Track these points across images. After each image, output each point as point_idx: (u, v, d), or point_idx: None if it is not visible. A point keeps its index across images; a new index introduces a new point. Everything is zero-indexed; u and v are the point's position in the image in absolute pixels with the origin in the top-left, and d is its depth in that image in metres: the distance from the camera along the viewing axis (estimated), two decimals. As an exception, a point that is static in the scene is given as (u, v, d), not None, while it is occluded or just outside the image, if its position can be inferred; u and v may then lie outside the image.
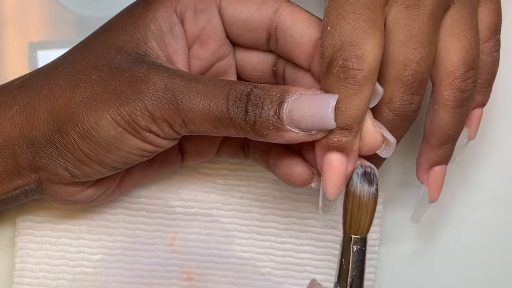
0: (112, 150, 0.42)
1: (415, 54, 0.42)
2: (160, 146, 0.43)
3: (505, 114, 0.54)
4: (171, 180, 0.51)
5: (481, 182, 0.55)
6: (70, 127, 0.42)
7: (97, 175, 0.44)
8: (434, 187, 0.47)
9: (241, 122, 0.40)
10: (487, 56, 0.46)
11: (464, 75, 0.44)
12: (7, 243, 0.51)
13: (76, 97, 0.42)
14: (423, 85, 0.43)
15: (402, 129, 0.44)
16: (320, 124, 0.40)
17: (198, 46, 0.45)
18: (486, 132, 0.53)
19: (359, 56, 0.40)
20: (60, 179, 0.44)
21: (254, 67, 0.47)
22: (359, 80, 0.40)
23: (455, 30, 0.43)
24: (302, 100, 0.40)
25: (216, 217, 0.51)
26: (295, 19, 0.44)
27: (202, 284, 0.51)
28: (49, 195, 0.45)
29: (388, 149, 0.43)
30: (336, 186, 0.41)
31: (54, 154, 0.43)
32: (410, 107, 0.43)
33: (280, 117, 0.40)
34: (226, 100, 0.41)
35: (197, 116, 0.41)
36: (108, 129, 0.41)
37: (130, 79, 0.41)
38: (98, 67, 0.43)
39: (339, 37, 0.40)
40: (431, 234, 0.54)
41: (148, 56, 0.43)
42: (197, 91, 0.41)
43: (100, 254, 0.50)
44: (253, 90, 0.41)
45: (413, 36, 0.42)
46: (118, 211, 0.51)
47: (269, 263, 0.52)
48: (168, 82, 0.41)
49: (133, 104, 0.41)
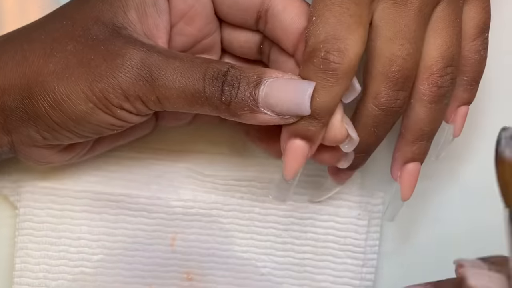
0: (82, 122, 0.42)
1: (402, 50, 0.42)
2: (131, 122, 0.43)
3: (492, 111, 0.54)
4: (171, 180, 0.51)
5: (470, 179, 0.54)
6: (40, 95, 0.41)
7: (69, 140, 0.44)
8: (407, 184, 0.47)
9: (217, 101, 0.40)
10: (474, 54, 0.46)
11: (441, 71, 0.44)
12: (7, 243, 0.51)
13: (49, 66, 0.42)
14: (409, 81, 0.43)
15: (387, 124, 0.44)
16: (295, 110, 0.40)
17: (184, 22, 0.45)
18: (472, 130, 0.53)
19: (341, 50, 0.40)
20: (32, 142, 0.43)
21: (242, 44, 0.47)
22: (337, 74, 0.40)
23: (438, 26, 0.44)
24: (279, 84, 0.40)
25: (216, 217, 0.51)
26: (286, 5, 0.44)
27: (202, 284, 0.51)
28: (22, 156, 0.45)
29: (350, 144, 0.43)
30: (294, 169, 0.43)
31: (25, 117, 0.42)
32: (395, 102, 0.43)
33: (256, 99, 0.40)
34: (203, 78, 0.40)
35: (172, 94, 0.41)
36: (79, 103, 0.41)
37: (105, 53, 0.41)
38: (74, 38, 0.42)
39: (323, 28, 0.41)
40: (431, 233, 0.54)
41: (125, 28, 0.42)
42: (174, 68, 0.41)
43: (100, 255, 0.50)
44: (229, 70, 0.41)
45: (400, 32, 0.42)
46: (118, 211, 0.51)
47: (269, 263, 0.52)
48: (144, 57, 0.41)
49: (106, 80, 0.41)
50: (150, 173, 0.51)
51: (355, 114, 0.45)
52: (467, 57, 0.46)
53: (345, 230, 0.52)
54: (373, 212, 0.52)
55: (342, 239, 0.52)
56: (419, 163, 0.47)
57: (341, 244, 0.52)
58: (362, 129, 0.44)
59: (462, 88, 0.47)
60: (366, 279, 0.52)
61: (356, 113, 0.45)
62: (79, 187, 0.50)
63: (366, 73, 0.44)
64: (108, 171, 0.51)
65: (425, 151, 0.47)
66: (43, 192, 0.50)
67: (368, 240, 0.52)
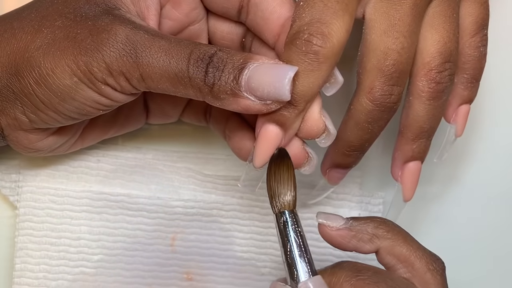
0: (66, 99, 0.42)
1: (396, 44, 0.42)
2: (116, 101, 0.42)
3: (494, 110, 0.54)
4: (171, 180, 0.51)
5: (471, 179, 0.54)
6: (26, 71, 0.41)
7: (55, 123, 0.43)
8: (408, 184, 0.47)
9: (200, 83, 0.40)
10: (474, 51, 0.46)
11: (440, 67, 0.43)
12: (7, 243, 0.51)
13: (36, 41, 0.42)
14: (404, 77, 0.43)
15: (382, 121, 0.44)
16: (275, 94, 0.39)
17: (171, 6, 0.45)
18: (474, 129, 0.53)
19: (325, 34, 0.40)
20: (20, 125, 0.43)
21: (224, 35, 0.47)
22: (319, 58, 0.40)
23: (434, 22, 0.43)
24: (262, 68, 0.40)
25: (216, 217, 0.51)
26: None
27: (202, 284, 0.51)
28: (11, 142, 0.45)
29: (327, 139, 0.43)
30: (264, 155, 0.42)
31: (11, 97, 0.42)
32: (390, 98, 0.43)
33: (239, 82, 0.40)
34: (188, 58, 0.40)
35: (155, 72, 0.40)
36: (63, 77, 0.41)
37: (92, 28, 0.41)
38: (64, 14, 0.42)
39: (309, 12, 0.40)
40: (431, 233, 0.54)
41: (118, 9, 0.42)
42: (159, 47, 0.40)
43: (100, 255, 0.50)
44: (217, 52, 0.40)
45: (394, 26, 0.42)
46: (118, 211, 0.51)
47: (269, 263, 0.52)
48: (130, 34, 0.41)
49: (90, 54, 0.41)
50: (150, 173, 0.51)
51: (348, 110, 0.44)
52: (466, 54, 0.46)
53: (345, 230, 0.52)
54: (373, 212, 0.52)
55: (342, 239, 0.52)
56: (420, 162, 0.47)
57: (341, 244, 0.52)
58: (356, 126, 0.44)
59: (462, 86, 0.46)
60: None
61: (349, 110, 0.44)
62: (79, 187, 0.50)
63: (360, 68, 0.43)
64: (108, 171, 0.51)
65: (425, 149, 0.46)
66: (42, 192, 0.50)
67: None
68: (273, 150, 0.42)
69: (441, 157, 0.49)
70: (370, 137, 0.45)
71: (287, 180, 0.42)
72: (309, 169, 0.44)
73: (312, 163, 0.43)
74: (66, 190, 0.50)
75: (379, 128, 0.44)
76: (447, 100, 0.46)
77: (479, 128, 0.54)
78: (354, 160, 0.46)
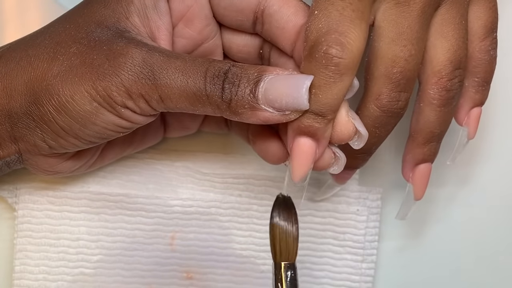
0: (87, 124, 0.42)
1: (404, 52, 0.42)
2: (136, 123, 0.43)
3: (504, 112, 0.54)
4: (170, 179, 0.51)
5: (479, 181, 0.54)
6: (45, 99, 0.42)
7: (74, 148, 0.44)
8: (419, 185, 0.47)
9: (217, 100, 0.40)
10: (484, 55, 0.46)
11: (450, 75, 0.44)
12: (6, 245, 0.51)
13: (53, 69, 0.42)
14: (411, 83, 0.43)
15: (389, 125, 0.44)
16: (293, 104, 0.39)
17: (184, 24, 0.45)
18: (485, 131, 0.53)
19: (344, 45, 0.39)
20: (39, 150, 0.44)
21: (241, 49, 0.47)
22: (340, 69, 0.39)
23: (443, 30, 0.43)
24: (278, 80, 0.40)
25: (215, 215, 0.51)
26: (282, 4, 0.43)
27: (202, 282, 0.51)
28: (29, 166, 0.45)
29: (359, 141, 0.42)
30: (302, 169, 0.41)
31: (32, 125, 0.43)
32: (397, 104, 0.43)
33: (256, 95, 0.40)
34: (204, 77, 0.40)
35: (174, 92, 0.41)
36: (83, 103, 0.41)
37: (108, 53, 0.41)
38: (77, 40, 0.42)
39: (326, 22, 0.40)
40: (430, 232, 0.54)
41: (128, 32, 0.42)
42: (176, 67, 0.41)
43: (99, 255, 0.51)
44: (231, 68, 0.40)
45: (403, 34, 0.42)
46: (116, 212, 0.51)
47: (268, 261, 0.51)
48: (146, 57, 0.41)
49: (109, 78, 0.41)
50: (148, 173, 0.51)
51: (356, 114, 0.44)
52: (477, 57, 0.46)
53: (344, 226, 0.52)
54: (372, 207, 0.52)
55: (341, 235, 0.52)
56: (430, 163, 0.47)
57: (340, 240, 0.52)
58: None
59: (474, 89, 0.47)
60: (366, 274, 0.52)
61: (357, 114, 0.44)
62: (77, 188, 0.50)
63: (367, 74, 0.43)
64: (106, 171, 0.51)
65: (435, 152, 0.47)
66: (41, 193, 0.50)
67: (367, 235, 0.52)
68: (310, 163, 0.41)
69: (453, 160, 0.50)
70: (377, 141, 0.45)
71: (290, 236, 0.44)
72: (338, 168, 0.43)
73: (341, 162, 0.43)
74: (65, 191, 0.50)
75: (386, 132, 0.44)
76: (457, 105, 0.46)
77: (490, 130, 0.54)
78: (362, 162, 0.47)
